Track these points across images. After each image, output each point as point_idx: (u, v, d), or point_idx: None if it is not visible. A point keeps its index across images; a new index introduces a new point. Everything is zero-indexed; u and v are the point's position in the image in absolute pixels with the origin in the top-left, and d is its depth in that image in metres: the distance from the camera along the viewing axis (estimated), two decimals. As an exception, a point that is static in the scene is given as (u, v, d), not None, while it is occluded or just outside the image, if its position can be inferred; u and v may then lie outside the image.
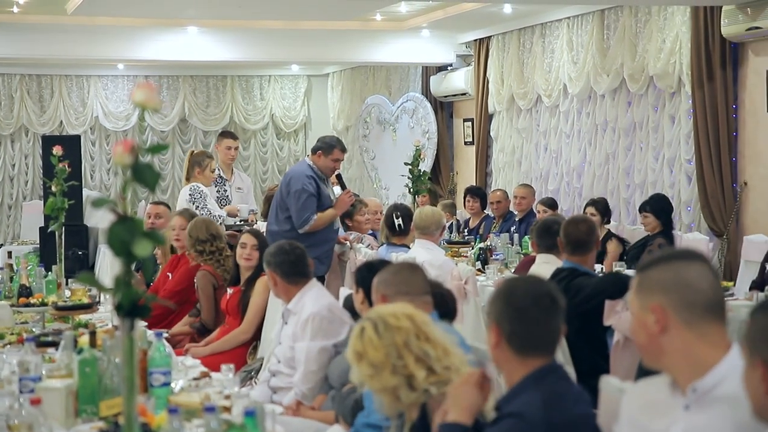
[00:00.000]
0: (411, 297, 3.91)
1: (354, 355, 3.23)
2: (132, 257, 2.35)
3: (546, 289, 3.07)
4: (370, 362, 3.19)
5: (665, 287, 2.61)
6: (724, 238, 9.14)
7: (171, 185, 17.25)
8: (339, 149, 8.14)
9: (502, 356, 3.03)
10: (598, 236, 6.14)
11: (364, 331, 3.23)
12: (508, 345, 3.00)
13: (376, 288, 4.04)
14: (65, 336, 4.10)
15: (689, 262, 2.63)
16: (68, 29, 11.91)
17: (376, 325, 3.23)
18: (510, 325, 3.00)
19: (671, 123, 9.84)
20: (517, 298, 3.03)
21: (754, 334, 2.26)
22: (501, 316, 3.02)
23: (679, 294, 2.59)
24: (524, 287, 3.08)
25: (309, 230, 7.96)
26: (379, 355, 3.18)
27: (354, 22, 12.30)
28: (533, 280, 3.18)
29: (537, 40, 11.85)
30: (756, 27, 8.55)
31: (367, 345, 3.21)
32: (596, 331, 5.66)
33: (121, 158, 2.34)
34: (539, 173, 11.99)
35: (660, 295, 2.61)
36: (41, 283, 6.46)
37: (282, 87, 17.72)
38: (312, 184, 7.99)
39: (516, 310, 3.01)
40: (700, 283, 2.60)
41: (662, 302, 2.61)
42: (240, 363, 6.03)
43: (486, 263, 8.20)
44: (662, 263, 2.66)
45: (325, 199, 8.10)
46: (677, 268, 2.63)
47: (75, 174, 8.82)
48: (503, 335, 3.01)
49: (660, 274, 2.64)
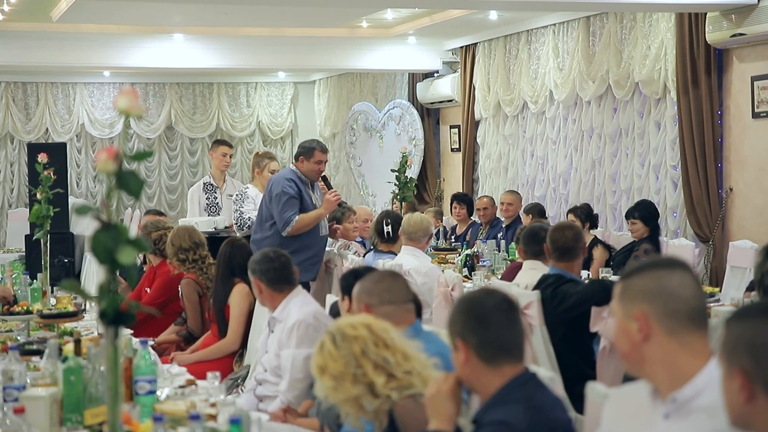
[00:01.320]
0: (395, 306, 3.92)
1: (317, 369, 3.28)
2: (116, 265, 2.34)
3: (501, 295, 3.10)
4: (331, 374, 3.24)
5: (648, 295, 2.62)
6: (710, 244, 9.16)
7: (158, 192, 17.22)
8: (319, 150, 8.07)
9: (474, 371, 3.02)
10: (585, 243, 6.15)
11: (324, 345, 3.29)
12: (478, 357, 3.00)
13: (357, 297, 4.02)
14: (50, 344, 4.08)
15: (672, 270, 2.64)
16: (53, 37, 11.88)
17: (334, 337, 3.28)
18: (476, 336, 3.00)
19: (657, 129, 9.87)
20: (476, 308, 3.04)
21: (731, 344, 2.25)
22: (464, 330, 3.02)
23: (662, 302, 2.60)
24: (480, 297, 3.10)
25: (293, 232, 7.85)
26: (338, 366, 3.23)
27: (340, 29, 12.30)
28: (486, 290, 3.21)
29: (523, 47, 11.87)
30: (740, 33, 8.59)
31: (326, 358, 3.25)
32: (583, 337, 5.67)
33: (104, 165, 2.33)
34: (526, 179, 12.01)
35: (643, 303, 2.62)
36: (26, 291, 6.44)
37: (268, 94, 17.71)
38: (292, 187, 7.92)
39: (478, 319, 3.02)
40: (683, 291, 2.61)
41: (645, 310, 2.61)
42: (226, 371, 6.02)
43: (473, 270, 8.20)
44: (645, 271, 2.67)
45: (308, 202, 8.00)
46: (660, 276, 2.63)
47: (61, 181, 8.82)
48: (471, 348, 3.00)
49: (643, 282, 2.65)
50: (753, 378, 2.17)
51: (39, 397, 3.72)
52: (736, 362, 2.20)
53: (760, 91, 8.84)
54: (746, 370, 2.18)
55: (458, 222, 11.03)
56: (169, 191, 17.33)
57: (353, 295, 4.06)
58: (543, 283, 5.78)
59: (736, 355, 2.21)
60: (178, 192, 17.13)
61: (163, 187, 17.30)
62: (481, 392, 3.04)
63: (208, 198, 9.76)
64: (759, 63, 8.88)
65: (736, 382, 2.20)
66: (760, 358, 2.17)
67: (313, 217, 7.97)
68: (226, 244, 6.60)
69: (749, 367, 2.18)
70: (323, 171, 8.24)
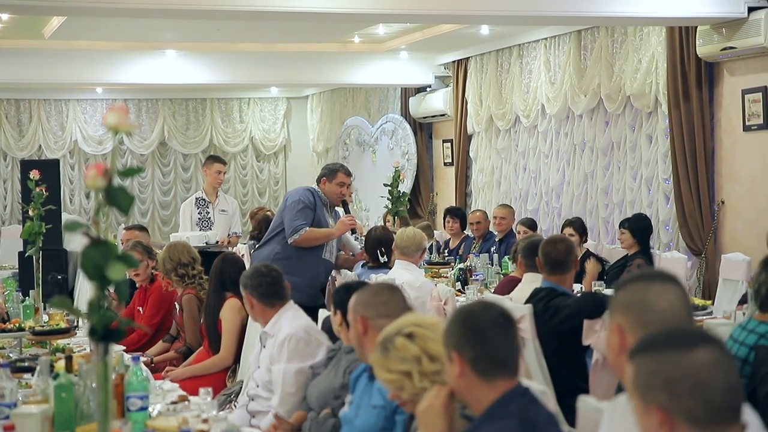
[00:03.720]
0: (391, 320, 3.88)
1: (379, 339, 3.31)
2: (106, 281, 2.34)
3: (499, 309, 3.06)
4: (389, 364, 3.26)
5: (624, 307, 2.66)
6: (703, 256, 9.18)
7: (151, 208, 17.22)
8: (343, 172, 7.84)
9: (467, 385, 2.99)
10: (577, 256, 6.16)
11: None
12: (473, 371, 2.96)
13: (353, 309, 3.97)
14: (41, 361, 4.07)
15: (650, 283, 2.67)
16: (46, 53, 11.90)
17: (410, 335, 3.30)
18: (472, 350, 2.96)
19: (648, 142, 9.89)
20: (474, 321, 3.00)
21: (643, 381, 2.19)
22: (461, 343, 2.98)
23: (634, 314, 2.63)
24: (478, 310, 3.06)
25: (299, 242, 7.57)
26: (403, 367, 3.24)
27: (332, 44, 12.33)
28: (484, 303, 3.16)
29: (515, 61, 11.90)
30: (730, 47, 8.62)
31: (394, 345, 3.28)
32: (575, 350, 5.68)
33: (93, 182, 2.33)
34: (518, 193, 12.03)
35: (620, 315, 2.66)
36: (18, 308, 6.43)
37: (261, 109, 17.74)
38: (310, 199, 7.68)
39: (475, 333, 2.98)
40: (657, 303, 2.63)
41: (621, 323, 2.66)
42: (219, 386, 6.01)
43: (466, 283, 8.20)
44: (628, 284, 2.71)
45: (321, 221, 7.73)
46: (637, 289, 2.67)
47: (54, 198, 8.81)
48: (466, 361, 2.97)
49: (623, 295, 2.69)
50: (672, 412, 2.13)
51: (30, 414, 3.72)
52: (652, 399, 2.16)
53: (751, 104, 8.87)
54: (664, 406, 2.14)
55: (451, 236, 11.04)
56: (163, 207, 17.33)
57: (349, 306, 4.02)
58: (535, 296, 5.79)
59: (650, 392, 2.16)
60: (172, 207, 17.12)
61: (157, 203, 17.29)
62: (474, 406, 3.02)
63: (200, 213, 9.76)
64: (750, 76, 8.91)
65: (654, 418, 2.15)
66: (675, 391, 2.13)
67: (323, 235, 7.70)
68: (218, 258, 6.60)
69: (667, 403, 2.14)
70: (345, 195, 7.95)
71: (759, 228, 8.73)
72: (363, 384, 3.92)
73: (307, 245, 7.66)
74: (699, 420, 2.12)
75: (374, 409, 3.76)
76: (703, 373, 2.13)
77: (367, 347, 3.91)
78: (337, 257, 8.00)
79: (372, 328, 3.84)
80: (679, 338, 2.21)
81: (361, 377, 3.97)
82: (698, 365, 2.14)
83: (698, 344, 2.17)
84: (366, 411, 3.80)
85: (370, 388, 3.84)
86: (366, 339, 3.88)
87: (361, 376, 3.97)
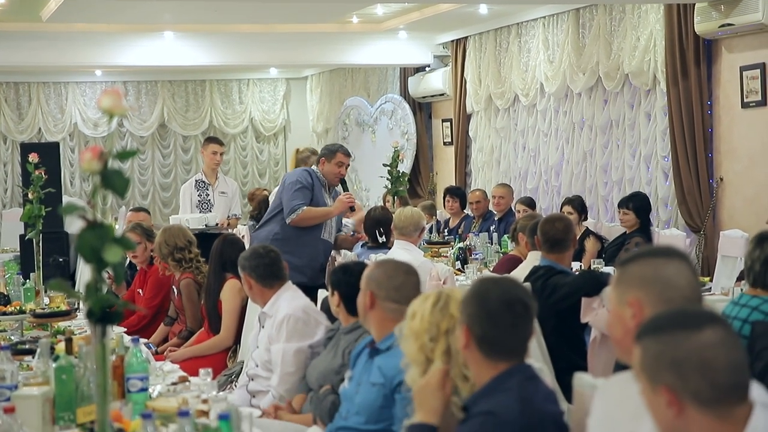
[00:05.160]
0: (399, 305, 3.81)
1: (410, 310, 3.31)
2: (103, 263, 2.36)
3: (519, 294, 3.04)
4: (413, 327, 3.25)
5: (643, 282, 2.64)
6: (701, 233, 9.19)
7: (151, 190, 17.23)
8: (342, 153, 7.83)
9: (471, 357, 3.02)
10: (575, 235, 6.18)
11: (429, 298, 3.30)
12: (478, 348, 2.99)
13: (367, 280, 3.94)
14: (41, 343, 4.08)
15: (669, 259, 2.67)
16: (44, 36, 11.88)
17: (440, 300, 3.28)
18: (481, 330, 2.97)
19: (647, 120, 9.90)
20: (490, 303, 2.99)
21: (651, 363, 2.22)
22: (472, 319, 2.99)
23: (657, 289, 2.62)
24: (497, 291, 3.03)
25: (297, 221, 7.57)
26: (422, 325, 3.24)
27: (331, 24, 12.30)
28: (507, 284, 3.12)
29: (513, 40, 11.89)
30: (728, 24, 8.61)
31: (422, 310, 3.28)
32: (573, 328, 5.71)
33: (89, 165, 2.35)
34: (518, 172, 12.04)
35: (637, 289, 2.65)
36: (19, 291, 6.45)
37: (261, 90, 17.72)
38: (308, 180, 7.68)
39: (488, 315, 2.98)
40: (678, 280, 2.63)
41: (639, 297, 2.64)
42: (220, 367, 6.03)
43: (465, 263, 8.23)
44: (643, 258, 2.70)
45: (319, 201, 7.72)
46: (656, 264, 2.66)
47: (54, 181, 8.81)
48: (473, 338, 2.99)
49: (639, 269, 2.67)
50: (680, 393, 2.16)
51: (31, 396, 3.74)
52: (660, 380, 2.18)
53: (749, 81, 8.87)
54: (672, 387, 2.17)
55: (451, 215, 11.06)
56: (163, 189, 17.34)
57: (364, 274, 3.99)
58: (533, 274, 5.81)
59: (658, 373, 2.19)
60: (172, 189, 17.13)
61: (157, 185, 17.30)
62: (475, 376, 3.04)
63: (200, 195, 9.77)
64: (748, 53, 8.91)
65: (662, 398, 2.18)
66: (683, 372, 2.16)
67: (321, 213, 7.69)
68: (218, 240, 6.61)
69: (674, 383, 2.16)
70: (344, 175, 7.93)
71: (757, 205, 8.75)
72: (363, 361, 3.93)
73: (306, 225, 7.65)
74: (707, 400, 2.15)
75: (373, 387, 3.77)
76: (709, 354, 2.15)
77: (370, 322, 3.91)
78: (336, 237, 8.01)
79: (378, 307, 3.84)
80: (685, 319, 2.23)
81: (362, 354, 3.97)
82: (704, 346, 2.16)
83: (704, 325, 2.19)
84: (366, 388, 3.82)
85: (370, 366, 3.85)
86: (371, 313, 3.88)
87: (362, 352, 3.98)
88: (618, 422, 2.70)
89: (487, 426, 2.88)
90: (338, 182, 7.93)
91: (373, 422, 3.76)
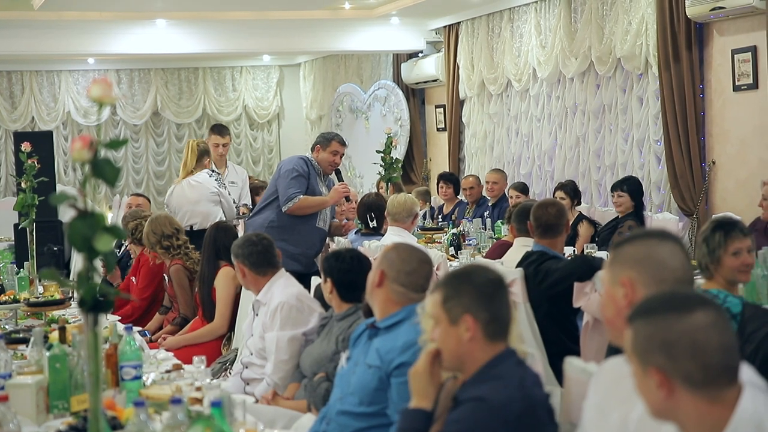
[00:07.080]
0: (406, 290, 3.81)
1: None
2: (94, 252, 2.36)
3: (497, 273, 3.12)
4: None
5: (637, 262, 2.67)
6: (694, 217, 9.22)
7: (145, 179, 17.22)
8: (337, 141, 7.79)
9: (474, 347, 3.02)
10: (568, 220, 6.19)
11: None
12: (484, 333, 3.00)
13: (381, 258, 3.93)
14: (35, 332, 4.09)
15: (662, 241, 2.70)
16: (35, 25, 11.86)
17: None
18: (487, 312, 3.00)
19: (639, 104, 9.91)
20: (485, 286, 3.04)
21: (641, 344, 2.24)
22: (473, 305, 3.00)
23: (650, 270, 2.65)
24: (485, 274, 3.08)
25: (293, 210, 7.56)
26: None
27: (323, 11, 12.30)
28: (485, 266, 3.18)
29: (505, 25, 11.89)
30: (720, 7, 8.61)
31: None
32: (566, 313, 5.72)
33: (79, 154, 2.35)
34: (511, 158, 12.05)
35: (631, 269, 2.67)
36: (13, 280, 6.46)
37: (254, 78, 17.71)
38: (304, 168, 7.66)
39: (488, 297, 3.02)
40: (671, 261, 2.66)
41: (632, 276, 2.67)
42: (214, 354, 6.05)
43: (459, 248, 8.24)
44: (636, 240, 2.73)
45: (314, 190, 7.70)
46: (650, 245, 2.69)
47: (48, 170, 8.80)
48: (480, 324, 3.00)
49: (633, 250, 2.70)
50: (670, 374, 2.18)
51: (25, 385, 3.76)
52: (651, 362, 2.21)
53: (740, 64, 8.88)
54: (662, 368, 2.19)
55: (445, 201, 11.07)
56: (157, 177, 17.33)
57: (380, 252, 3.99)
58: (526, 260, 5.82)
59: (648, 355, 2.21)
60: (166, 177, 17.12)
61: (151, 173, 17.29)
62: (466, 368, 3.04)
63: None
64: (739, 36, 8.91)
65: (653, 380, 2.21)
66: (673, 353, 2.18)
67: (317, 203, 7.68)
68: (211, 227, 6.62)
69: (665, 365, 2.19)
70: (338, 164, 7.90)
71: (750, 188, 8.77)
72: (362, 342, 3.93)
73: (301, 213, 7.64)
74: (697, 381, 2.17)
75: (369, 369, 3.77)
76: (700, 336, 2.17)
77: (375, 299, 3.90)
78: (330, 225, 8.02)
79: (386, 287, 3.83)
80: (675, 301, 2.24)
81: (362, 335, 3.98)
82: (695, 328, 2.18)
83: (695, 307, 2.21)
84: (362, 369, 3.82)
85: (368, 347, 3.85)
86: (377, 291, 3.86)
87: (363, 334, 3.98)
88: (611, 405, 2.71)
89: (479, 412, 2.90)
90: (332, 171, 7.91)
91: (366, 404, 3.76)
